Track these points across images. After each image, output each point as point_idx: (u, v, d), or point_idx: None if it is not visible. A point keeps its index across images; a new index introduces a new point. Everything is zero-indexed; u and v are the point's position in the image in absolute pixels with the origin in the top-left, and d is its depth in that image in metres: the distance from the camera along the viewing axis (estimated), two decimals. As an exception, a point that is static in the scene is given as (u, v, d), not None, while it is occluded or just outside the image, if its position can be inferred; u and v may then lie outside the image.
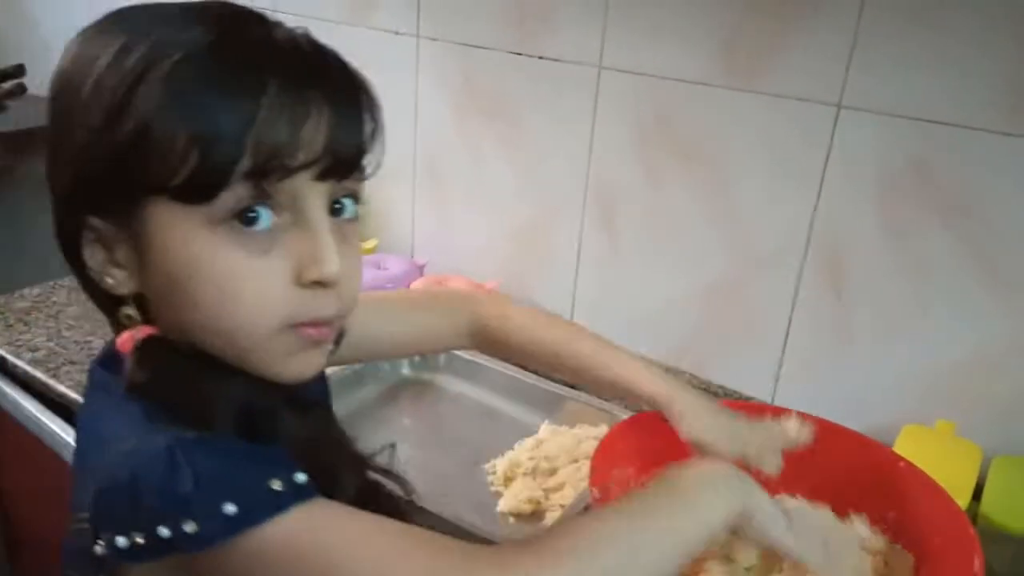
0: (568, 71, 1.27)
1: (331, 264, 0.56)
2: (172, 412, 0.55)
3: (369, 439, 1.15)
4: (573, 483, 1.05)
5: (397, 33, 1.45)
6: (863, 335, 1.13)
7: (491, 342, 0.90)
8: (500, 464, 1.11)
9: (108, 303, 0.61)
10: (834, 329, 1.15)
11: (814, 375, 1.18)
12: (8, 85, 2.05)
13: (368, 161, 0.62)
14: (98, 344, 1.32)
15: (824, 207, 1.12)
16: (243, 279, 0.55)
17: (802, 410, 0.97)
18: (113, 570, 0.54)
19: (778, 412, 0.90)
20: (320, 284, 0.56)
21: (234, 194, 0.53)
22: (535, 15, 1.28)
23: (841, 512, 0.92)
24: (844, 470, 0.93)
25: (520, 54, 1.32)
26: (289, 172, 0.54)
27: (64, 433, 1.20)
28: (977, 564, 0.75)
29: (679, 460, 0.97)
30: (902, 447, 0.99)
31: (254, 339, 0.56)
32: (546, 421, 1.19)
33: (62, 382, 1.22)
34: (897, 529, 0.88)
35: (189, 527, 0.50)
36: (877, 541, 0.87)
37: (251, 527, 0.50)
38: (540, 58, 1.30)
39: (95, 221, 0.56)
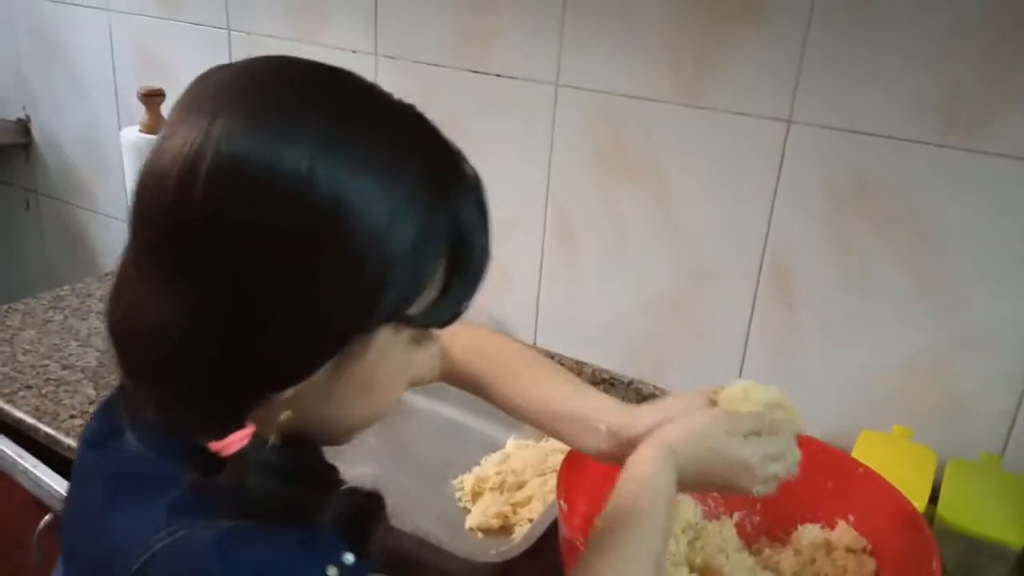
0: (525, 89, 1.29)
1: None
2: (218, 500, 0.52)
3: (340, 461, 1.14)
4: (541, 496, 1.05)
5: (354, 52, 1.45)
6: (817, 345, 1.15)
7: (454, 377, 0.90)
8: (468, 480, 1.11)
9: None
10: (789, 339, 1.17)
11: (774, 383, 1.19)
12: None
13: None
14: (54, 368, 1.30)
15: (777, 220, 1.14)
16: (406, 381, 0.60)
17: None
18: None
19: None
20: None
21: None
22: (491, 34, 1.30)
23: (801, 518, 0.94)
24: (804, 476, 0.94)
25: (477, 72, 1.33)
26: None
27: (19, 457, 1.18)
28: (935, 565, 0.77)
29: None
30: (860, 453, 1.01)
31: (374, 424, 0.61)
32: (513, 436, 1.19)
33: (18, 407, 1.20)
34: (857, 533, 0.90)
35: None
36: (860, 541, 0.89)
37: None
38: (497, 76, 1.31)
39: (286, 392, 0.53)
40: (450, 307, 0.56)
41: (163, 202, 0.50)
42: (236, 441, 0.52)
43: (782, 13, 1.06)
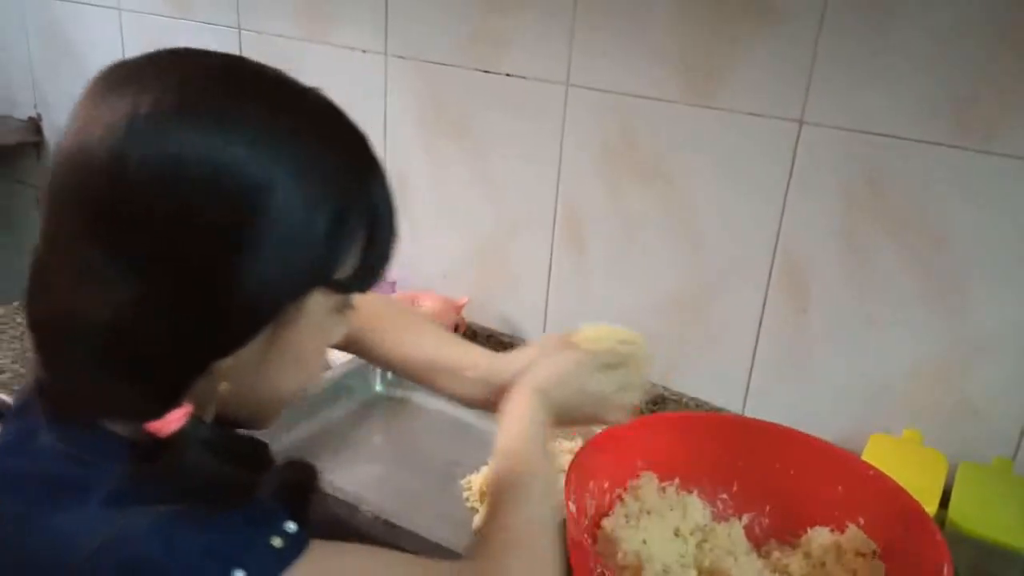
0: (536, 89, 1.28)
1: None
2: (154, 487, 0.53)
3: (345, 460, 1.14)
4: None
5: (364, 51, 1.45)
6: (829, 346, 1.15)
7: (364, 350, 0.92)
8: (476, 480, 1.11)
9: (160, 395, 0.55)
10: (800, 341, 1.16)
11: (784, 385, 1.19)
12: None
13: None
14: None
15: (788, 221, 1.13)
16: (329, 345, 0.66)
17: (772, 420, 0.99)
18: None
19: None
20: None
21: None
22: (502, 34, 1.29)
23: (811, 521, 0.93)
24: (814, 479, 0.94)
25: (488, 71, 1.33)
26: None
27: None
28: (947, 570, 0.76)
29: (652, 471, 0.98)
30: (870, 456, 1.01)
31: (300, 397, 0.65)
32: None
33: (28, 406, 1.20)
34: (868, 536, 0.90)
35: None
36: (870, 545, 0.88)
37: None
38: (508, 76, 1.31)
39: (224, 362, 0.55)
40: (369, 274, 0.61)
41: (93, 188, 0.52)
42: (174, 420, 0.53)
43: (794, 14, 1.05)
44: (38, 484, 0.55)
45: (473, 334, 1.44)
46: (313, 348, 0.62)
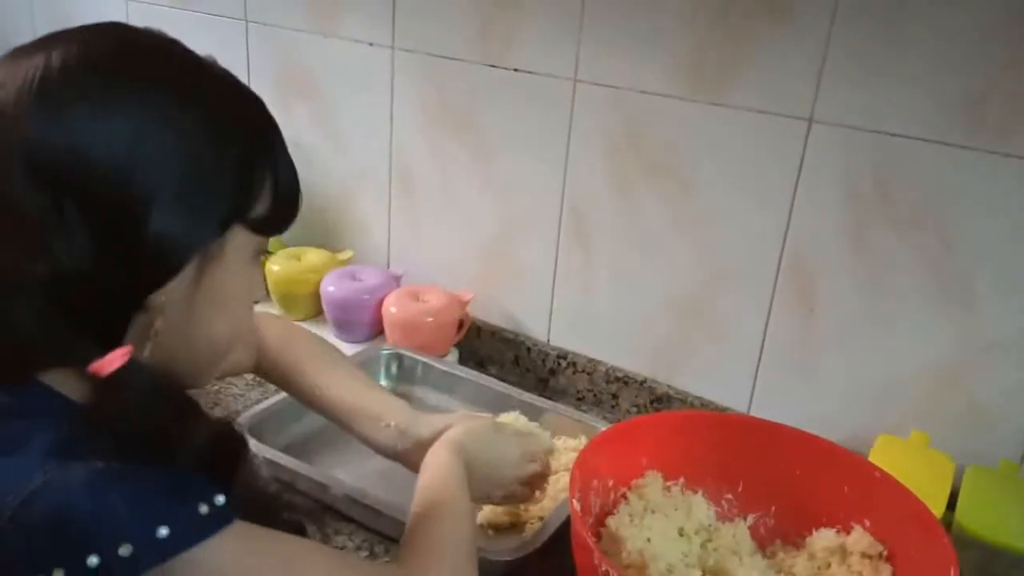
0: (543, 84, 1.28)
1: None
2: (96, 440, 0.56)
3: (345, 456, 1.14)
4: (552, 494, 1.04)
5: (371, 44, 1.45)
6: (835, 347, 1.14)
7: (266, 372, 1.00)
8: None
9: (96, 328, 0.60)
10: (807, 341, 1.16)
11: (790, 385, 1.19)
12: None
13: None
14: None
15: (796, 221, 1.13)
16: (253, 299, 0.71)
17: (778, 420, 0.99)
18: None
19: None
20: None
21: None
22: (510, 28, 1.29)
23: (817, 522, 0.93)
24: (820, 480, 0.94)
25: (495, 66, 1.32)
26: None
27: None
28: (953, 573, 0.76)
29: (657, 470, 0.98)
30: (877, 457, 1.00)
31: (229, 352, 0.70)
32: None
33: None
34: (874, 538, 0.89)
35: (124, 550, 0.51)
36: (877, 546, 0.88)
37: (184, 550, 0.54)
38: (515, 71, 1.30)
39: (158, 297, 0.60)
40: (279, 215, 0.67)
41: (11, 140, 0.56)
42: (115, 359, 0.58)
43: (805, 11, 1.05)
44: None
45: (477, 331, 1.44)
46: (237, 291, 0.67)
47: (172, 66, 0.62)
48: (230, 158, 0.61)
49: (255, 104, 0.66)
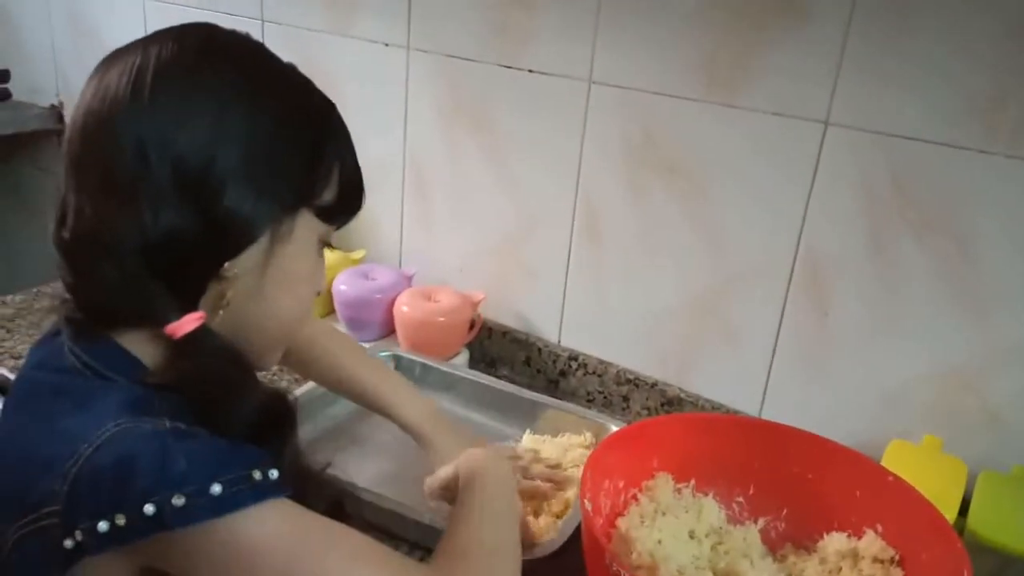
0: (558, 85, 1.28)
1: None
2: (164, 404, 0.62)
3: (354, 456, 1.15)
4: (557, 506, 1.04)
5: (387, 44, 1.45)
6: (848, 350, 1.14)
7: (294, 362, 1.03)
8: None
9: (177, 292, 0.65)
10: (820, 344, 1.15)
11: (802, 389, 1.18)
12: (-8, 91, 2.04)
13: None
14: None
15: (810, 223, 1.12)
16: (316, 287, 0.75)
17: (790, 423, 0.98)
18: (73, 568, 0.57)
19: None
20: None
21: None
22: (525, 29, 1.29)
23: (828, 526, 0.93)
24: (831, 483, 0.93)
25: (510, 67, 1.32)
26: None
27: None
28: (966, 578, 0.75)
29: (667, 471, 0.98)
30: (889, 462, 1.00)
31: (291, 334, 0.76)
32: (528, 431, 1.18)
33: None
34: (886, 543, 0.89)
35: (178, 500, 0.55)
36: (888, 551, 0.87)
37: (233, 511, 0.57)
38: (530, 71, 1.30)
39: (232, 268, 0.66)
40: (345, 203, 0.73)
41: (98, 146, 0.64)
42: (189, 322, 0.64)
43: (821, 14, 1.04)
44: (63, 394, 0.64)
45: (489, 331, 1.44)
46: (302, 274, 0.72)
47: (252, 66, 0.68)
48: (299, 149, 0.68)
49: (326, 106, 0.72)
